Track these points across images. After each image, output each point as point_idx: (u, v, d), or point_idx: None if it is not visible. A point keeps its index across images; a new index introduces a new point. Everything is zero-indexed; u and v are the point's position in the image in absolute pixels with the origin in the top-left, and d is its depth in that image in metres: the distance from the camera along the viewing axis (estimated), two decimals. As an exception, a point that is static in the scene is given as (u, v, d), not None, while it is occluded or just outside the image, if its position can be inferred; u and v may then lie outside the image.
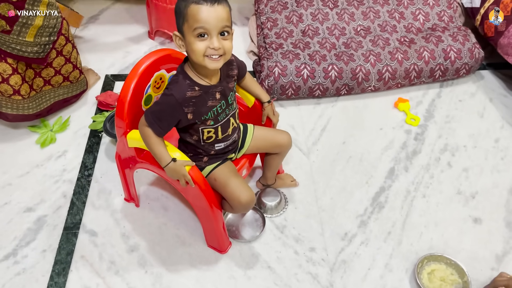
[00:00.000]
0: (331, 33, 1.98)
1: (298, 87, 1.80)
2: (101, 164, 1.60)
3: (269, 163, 1.42)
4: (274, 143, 1.33)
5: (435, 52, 1.87)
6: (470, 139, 1.73)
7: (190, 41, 1.03)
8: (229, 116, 1.19)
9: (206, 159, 1.22)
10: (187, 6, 1.00)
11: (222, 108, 1.15)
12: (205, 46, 1.03)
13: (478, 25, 1.99)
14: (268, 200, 1.46)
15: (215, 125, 1.16)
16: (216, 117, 1.15)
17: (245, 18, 2.33)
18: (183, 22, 1.03)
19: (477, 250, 1.38)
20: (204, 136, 1.17)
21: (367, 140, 1.71)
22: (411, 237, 1.41)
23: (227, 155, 1.27)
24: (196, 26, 1.01)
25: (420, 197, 1.52)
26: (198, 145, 1.19)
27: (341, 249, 1.38)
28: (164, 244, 1.37)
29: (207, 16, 1.00)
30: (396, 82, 1.87)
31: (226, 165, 1.24)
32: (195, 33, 1.02)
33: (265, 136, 1.33)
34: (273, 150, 1.36)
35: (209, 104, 1.12)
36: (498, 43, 1.86)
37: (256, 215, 1.44)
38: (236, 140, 1.27)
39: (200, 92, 1.09)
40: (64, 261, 1.32)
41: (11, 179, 1.54)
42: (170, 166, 1.11)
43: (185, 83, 1.09)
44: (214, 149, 1.21)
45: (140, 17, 2.32)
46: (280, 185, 1.52)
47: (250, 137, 1.30)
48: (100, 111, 1.78)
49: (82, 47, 2.12)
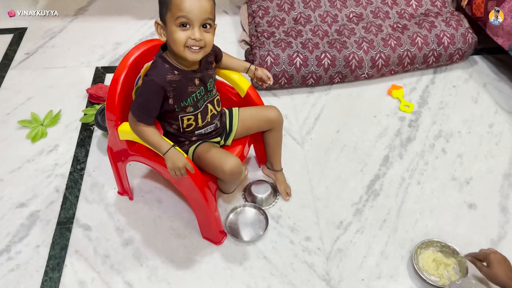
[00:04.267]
0: (323, 21, 1.96)
1: (291, 76, 1.78)
2: (94, 158, 1.58)
3: (266, 142, 1.39)
4: (263, 119, 1.31)
5: (428, 38, 1.86)
6: (464, 124, 1.72)
7: (172, 30, 1.03)
8: (207, 102, 1.18)
9: (187, 142, 1.22)
10: None
11: (201, 94, 1.15)
12: (186, 36, 1.03)
13: (465, 5, 1.97)
14: (259, 192, 1.45)
15: (195, 111, 1.15)
16: (195, 103, 1.14)
17: (236, 7, 2.30)
18: (166, 11, 1.02)
19: (472, 235, 1.38)
20: (184, 124, 1.16)
21: (361, 128, 1.70)
22: (407, 224, 1.41)
23: (211, 138, 1.25)
24: (179, 15, 1.00)
25: (415, 184, 1.52)
26: (179, 133, 1.19)
27: (337, 237, 1.37)
28: (159, 236, 1.36)
29: (190, 6, 1.00)
30: (389, 69, 1.86)
31: (207, 143, 1.23)
32: (177, 22, 1.01)
33: (252, 114, 1.31)
34: (264, 127, 1.34)
35: (189, 89, 1.11)
36: (487, 24, 1.84)
37: (260, 216, 1.41)
38: (219, 127, 1.25)
39: (179, 76, 1.09)
40: (58, 256, 1.31)
41: (3, 175, 1.52)
42: (171, 152, 1.09)
43: (164, 67, 1.08)
44: (195, 135, 1.20)
45: (130, 7, 2.28)
46: (280, 180, 1.47)
47: (236, 119, 1.29)
48: (91, 104, 1.76)
49: (71, 39, 2.09)
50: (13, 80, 1.88)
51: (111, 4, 2.32)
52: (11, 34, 2.11)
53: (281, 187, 1.46)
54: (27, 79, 1.89)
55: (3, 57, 1.99)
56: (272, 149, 1.41)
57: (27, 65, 1.96)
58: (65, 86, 1.86)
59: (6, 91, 1.84)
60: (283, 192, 1.46)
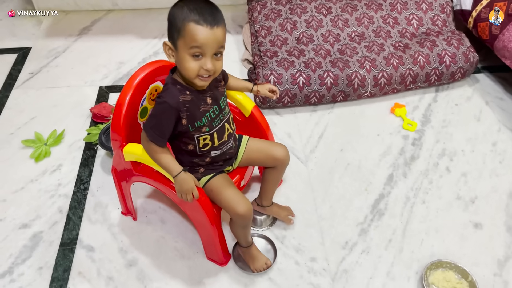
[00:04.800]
0: (325, 40, 1.98)
1: (294, 94, 1.79)
2: (97, 178, 1.57)
3: (265, 178, 1.36)
4: (268, 155, 1.28)
5: (430, 57, 1.87)
6: (468, 143, 1.72)
7: (183, 57, 1.03)
8: (224, 122, 1.17)
9: (202, 170, 1.20)
10: (186, 23, 0.99)
11: (216, 113, 1.14)
12: (198, 66, 1.03)
13: (471, 27, 1.99)
14: (257, 214, 1.44)
15: (211, 131, 1.14)
16: (210, 123, 1.13)
17: (238, 26, 2.32)
18: (179, 36, 1.01)
19: (478, 255, 1.37)
20: (200, 144, 1.15)
21: (364, 147, 1.70)
22: (412, 244, 1.40)
23: (224, 166, 1.25)
24: (193, 46, 1.00)
25: (419, 203, 1.51)
26: (194, 154, 1.17)
27: (342, 258, 1.36)
28: (162, 257, 1.35)
29: (205, 38, 0.99)
30: (392, 87, 1.87)
31: (222, 175, 1.23)
32: (190, 52, 1.01)
33: (260, 148, 1.29)
34: (268, 164, 1.31)
35: (201, 109, 1.11)
36: (494, 45, 1.86)
37: (268, 246, 1.38)
38: (233, 148, 1.24)
39: (191, 96, 1.09)
40: (61, 278, 1.30)
41: (6, 195, 1.52)
42: (181, 175, 1.10)
43: (176, 88, 1.08)
44: (210, 156, 1.19)
45: (133, 27, 2.30)
46: (274, 213, 1.43)
47: (243, 148, 1.29)
48: (94, 123, 1.76)
49: (75, 59, 2.11)
50: (17, 100, 1.89)
51: (114, 23, 2.34)
52: (15, 54, 2.13)
53: (281, 215, 1.43)
54: (31, 98, 1.90)
55: (7, 77, 2.01)
56: (268, 186, 1.37)
57: (31, 85, 1.97)
58: (68, 106, 1.86)
59: (10, 110, 1.84)
60: (285, 219, 1.43)
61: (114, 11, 2.42)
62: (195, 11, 0.99)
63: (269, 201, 1.41)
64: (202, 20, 0.98)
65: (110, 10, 2.43)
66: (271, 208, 1.42)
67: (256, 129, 1.38)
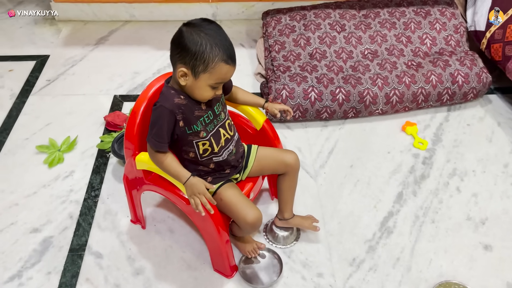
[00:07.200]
0: (338, 57, 1.99)
1: (305, 109, 1.80)
2: (108, 185, 1.59)
3: (280, 187, 1.35)
4: (279, 161, 1.30)
5: (442, 76, 1.88)
6: (479, 163, 1.71)
7: (203, 88, 1.08)
8: (218, 127, 1.19)
9: (210, 179, 1.22)
10: (216, 62, 1.05)
11: (210, 118, 1.17)
12: (213, 94, 1.11)
13: (484, 48, 2.00)
14: (281, 229, 1.43)
15: (207, 136, 1.16)
16: (205, 127, 1.16)
17: (252, 40, 2.35)
18: (204, 69, 1.05)
19: (488, 278, 1.35)
20: (200, 150, 1.17)
21: (374, 164, 1.70)
22: (420, 263, 1.39)
23: (231, 174, 1.26)
24: (218, 82, 1.08)
25: (429, 223, 1.50)
26: (197, 161, 1.19)
27: (349, 275, 1.36)
28: (169, 267, 1.36)
29: (228, 74, 1.10)
30: (403, 105, 1.87)
31: (230, 184, 1.24)
32: (212, 84, 1.08)
33: (270, 155, 1.31)
34: (279, 170, 1.32)
35: (195, 114, 1.13)
36: (506, 67, 1.86)
37: (274, 260, 1.37)
38: (234, 154, 1.24)
39: (185, 100, 1.12)
40: (69, 284, 1.31)
41: (18, 199, 1.54)
42: (191, 180, 1.12)
43: (170, 92, 1.12)
44: (213, 162, 1.20)
45: (149, 38, 2.34)
46: (298, 224, 1.41)
47: (253, 157, 1.30)
48: (108, 131, 1.79)
49: (91, 68, 2.15)
50: (33, 106, 1.93)
51: (131, 34, 2.39)
52: (34, 61, 2.18)
53: (305, 225, 1.41)
54: (47, 105, 1.94)
55: (25, 83, 2.05)
56: (285, 196, 1.36)
57: (48, 92, 2.01)
58: (83, 113, 1.89)
59: (26, 116, 1.88)
60: (311, 227, 1.41)
61: (131, 22, 2.47)
62: (223, 49, 1.05)
63: (290, 212, 1.39)
64: (230, 60, 1.06)
65: (127, 21, 2.48)
66: (294, 220, 1.40)
67: (267, 142, 1.39)
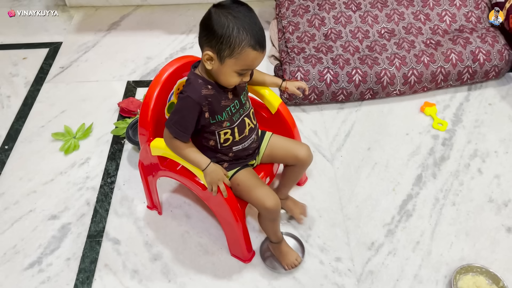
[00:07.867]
0: (354, 37, 1.94)
1: (321, 91, 1.77)
2: (124, 171, 1.59)
3: (285, 173, 1.35)
4: (290, 154, 1.27)
5: (462, 55, 1.82)
6: (501, 144, 1.66)
7: (229, 73, 1.04)
8: (243, 116, 1.17)
9: (226, 165, 1.20)
10: (243, 46, 0.99)
11: (236, 108, 1.14)
12: (240, 80, 1.06)
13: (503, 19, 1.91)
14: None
15: (231, 126, 1.14)
16: (231, 117, 1.13)
17: (266, 22, 2.31)
18: (230, 55, 1.00)
19: (511, 260, 1.32)
20: (221, 139, 1.15)
21: (392, 146, 1.67)
22: (441, 247, 1.36)
23: (248, 160, 1.24)
24: (244, 68, 1.03)
25: (449, 205, 1.47)
26: (216, 149, 1.17)
27: (368, 259, 1.34)
28: (187, 252, 1.36)
29: (256, 61, 1.03)
30: (422, 85, 1.82)
31: (247, 170, 1.22)
32: (239, 71, 1.04)
33: (282, 145, 1.28)
34: (289, 162, 1.29)
35: (222, 103, 1.11)
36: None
37: (296, 244, 1.36)
38: (256, 142, 1.23)
39: (213, 90, 1.09)
40: (88, 270, 1.32)
41: (36, 187, 1.55)
42: (211, 167, 1.11)
43: (198, 82, 1.08)
44: (232, 151, 1.19)
45: (161, 22, 2.32)
46: (287, 207, 1.41)
47: (265, 144, 1.28)
48: (122, 118, 1.79)
49: (104, 54, 2.14)
50: (48, 93, 1.93)
51: (143, 19, 2.36)
52: (47, 49, 2.18)
53: (293, 212, 1.40)
54: (61, 92, 1.94)
55: (39, 71, 2.05)
56: (286, 182, 1.36)
57: (62, 79, 2.01)
58: (97, 100, 1.89)
59: (41, 104, 1.88)
60: (297, 217, 1.40)
61: (142, 7, 2.44)
62: (251, 34, 0.98)
63: (284, 195, 1.40)
64: (258, 46, 1.00)
65: (138, 6, 2.45)
66: (285, 202, 1.41)
67: (282, 126, 1.36)
